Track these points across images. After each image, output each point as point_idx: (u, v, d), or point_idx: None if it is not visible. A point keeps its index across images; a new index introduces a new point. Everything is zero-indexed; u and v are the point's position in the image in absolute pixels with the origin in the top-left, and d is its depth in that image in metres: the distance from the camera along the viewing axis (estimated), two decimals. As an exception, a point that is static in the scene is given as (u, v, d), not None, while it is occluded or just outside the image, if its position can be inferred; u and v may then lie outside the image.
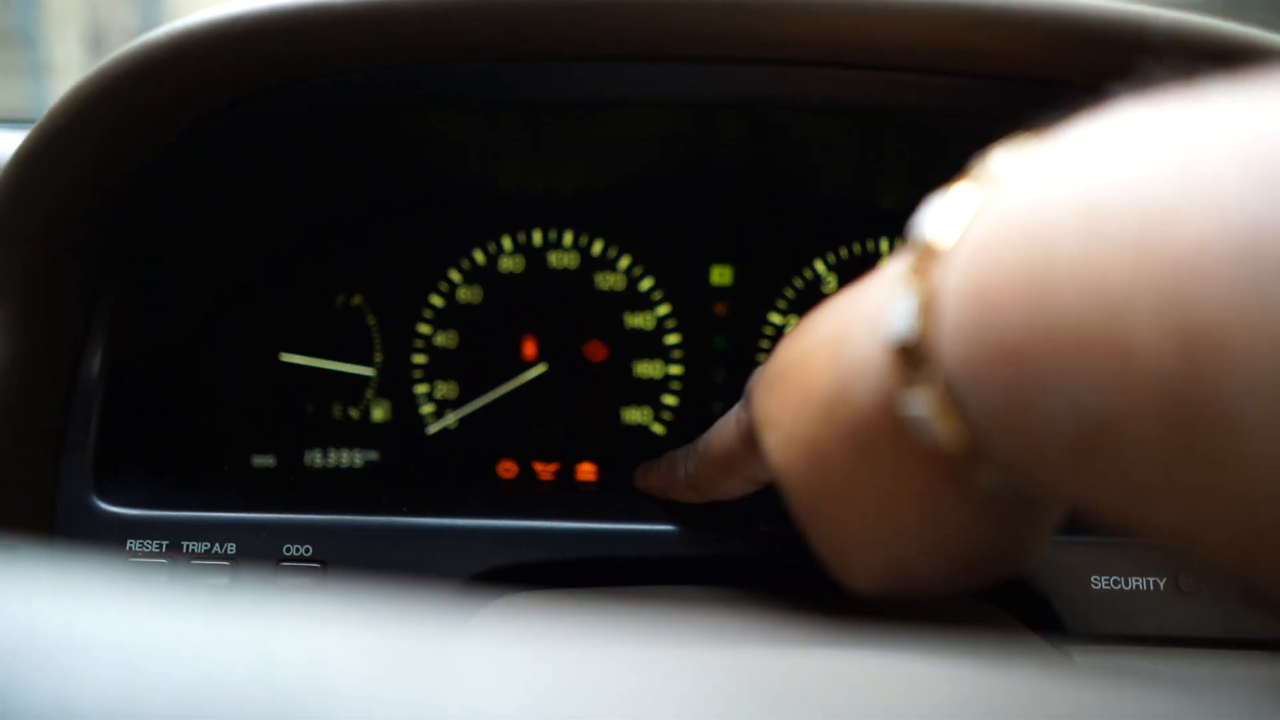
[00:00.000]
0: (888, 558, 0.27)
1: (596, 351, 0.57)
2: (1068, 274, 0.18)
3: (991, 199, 0.21)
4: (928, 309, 0.22)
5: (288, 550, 0.44)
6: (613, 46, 0.39)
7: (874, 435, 0.25)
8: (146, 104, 0.39)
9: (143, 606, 0.14)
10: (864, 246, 0.57)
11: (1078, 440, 0.18)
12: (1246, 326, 0.15)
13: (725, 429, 0.37)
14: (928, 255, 0.22)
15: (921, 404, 0.22)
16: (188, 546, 0.44)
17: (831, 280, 0.57)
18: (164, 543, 0.44)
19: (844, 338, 0.26)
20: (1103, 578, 0.44)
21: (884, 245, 0.57)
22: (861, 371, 0.25)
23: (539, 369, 0.57)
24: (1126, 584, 0.44)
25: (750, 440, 0.33)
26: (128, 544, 0.44)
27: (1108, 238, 0.17)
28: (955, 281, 0.21)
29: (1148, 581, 0.44)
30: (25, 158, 0.39)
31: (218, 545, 0.44)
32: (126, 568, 0.44)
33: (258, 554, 0.44)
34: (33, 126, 0.39)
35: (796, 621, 0.40)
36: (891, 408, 0.24)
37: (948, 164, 0.58)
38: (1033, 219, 0.19)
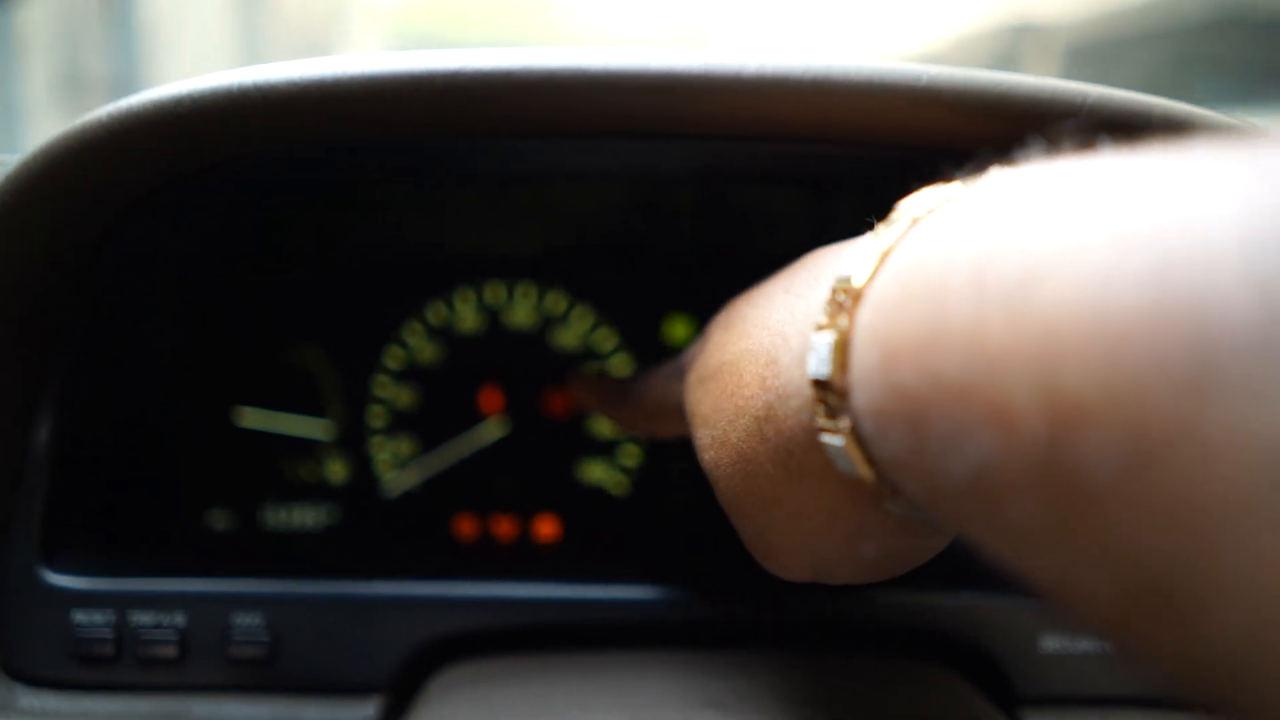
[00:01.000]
0: (808, 556, 0.28)
1: (557, 406, 0.57)
2: (957, 331, 0.18)
3: (901, 246, 0.22)
4: (841, 349, 0.22)
5: (236, 621, 0.44)
6: (556, 123, 0.40)
7: (799, 456, 0.26)
8: (89, 183, 0.39)
9: None
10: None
11: (967, 489, 0.19)
12: (1103, 399, 0.15)
13: (658, 390, 0.41)
14: (846, 292, 0.22)
15: (836, 438, 0.23)
16: (135, 618, 0.44)
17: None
18: (111, 616, 0.44)
19: (773, 358, 0.27)
20: (1052, 638, 0.44)
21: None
22: (787, 394, 0.26)
23: (499, 426, 0.57)
24: (1076, 644, 0.44)
25: (680, 413, 0.35)
26: (74, 617, 0.44)
27: (989, 299, 0.18)
28: (865, 324, 0.22)
29: (1098, 641, 0.44)
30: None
31: (166, 616, 0.44)
32: (74, 647, 0.44)
33: (206, 624, 0.44)
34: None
35: (759, 688, 0.40)
36: (814, 434, 0.24)
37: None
38: (933, 272, 0.20)
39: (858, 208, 0.56)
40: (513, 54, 0.38)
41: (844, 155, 0.45)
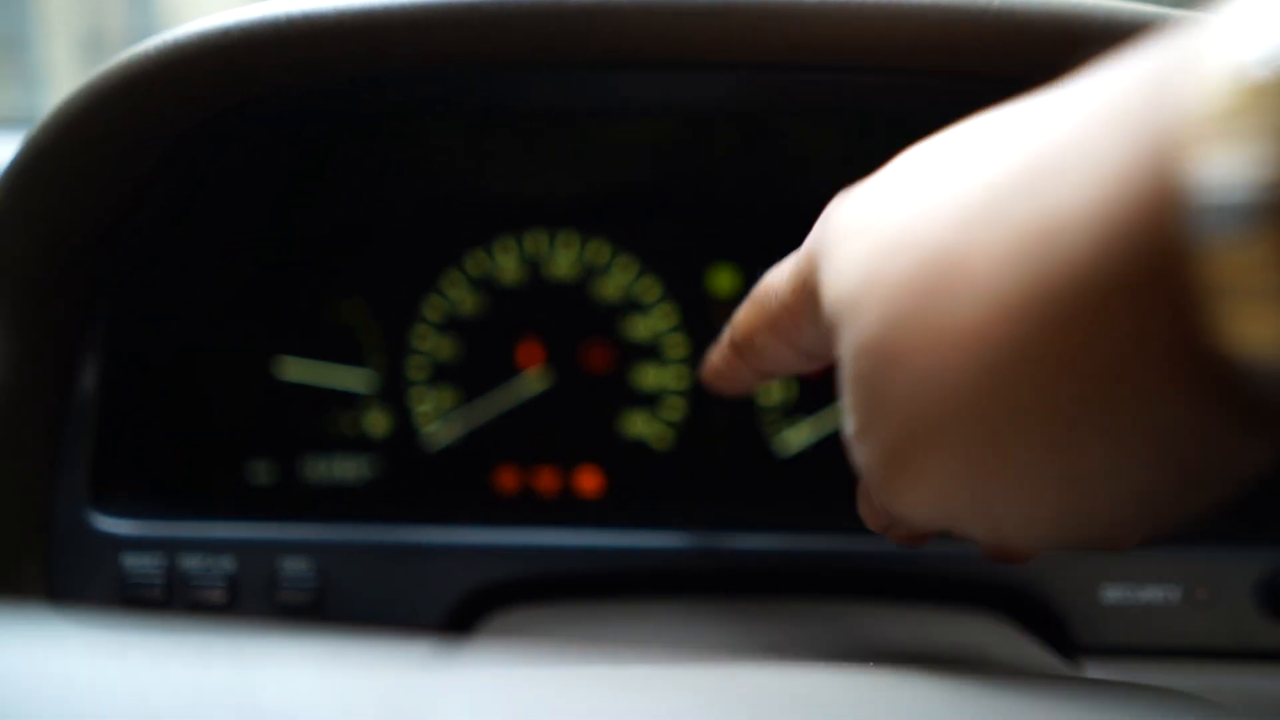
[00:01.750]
0: (1067, 500, 0.19)
1: (598, 359, 0.57)
2: None
3: None
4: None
5: (283, 566, 0.44)
6: (603, 54, 0.38)
7: (1099, 324, 0.17)
8: (135, 120, 0.38)
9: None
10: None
11: None
12: None
13: (780, 274, 0.30)
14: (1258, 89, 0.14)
15: (1241, 290, 0.14)
16: (184, 563, 0.44)
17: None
18: (161, 560, 0.44)
19: (1058, 173, 0.17)
20: (1114, 587, 0.43)
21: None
22: (1096, 232, 0.16)
23: (540, 378, 0.56)
24: (1139, 595, 0.43)
25: (809, 296, 0.26)
26: (124, 560, 0.44)
27: None
28: None
29: (1161, 591, 0.43)
30: (12, 178, 0.38)
31: (215, 562, 0.44)
32: (124, 590, 0.44)
33: (254, 570, 0.44)
34: (20, 146, 0.38)
35: (802, 637, 0.40)
36: (1153, 285, 0.16)
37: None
38: None
39: (900, 147, 0.54)
40: None
41: (889, 85, 0.43)
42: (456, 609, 0.44)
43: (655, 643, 0.39)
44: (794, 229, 0.56)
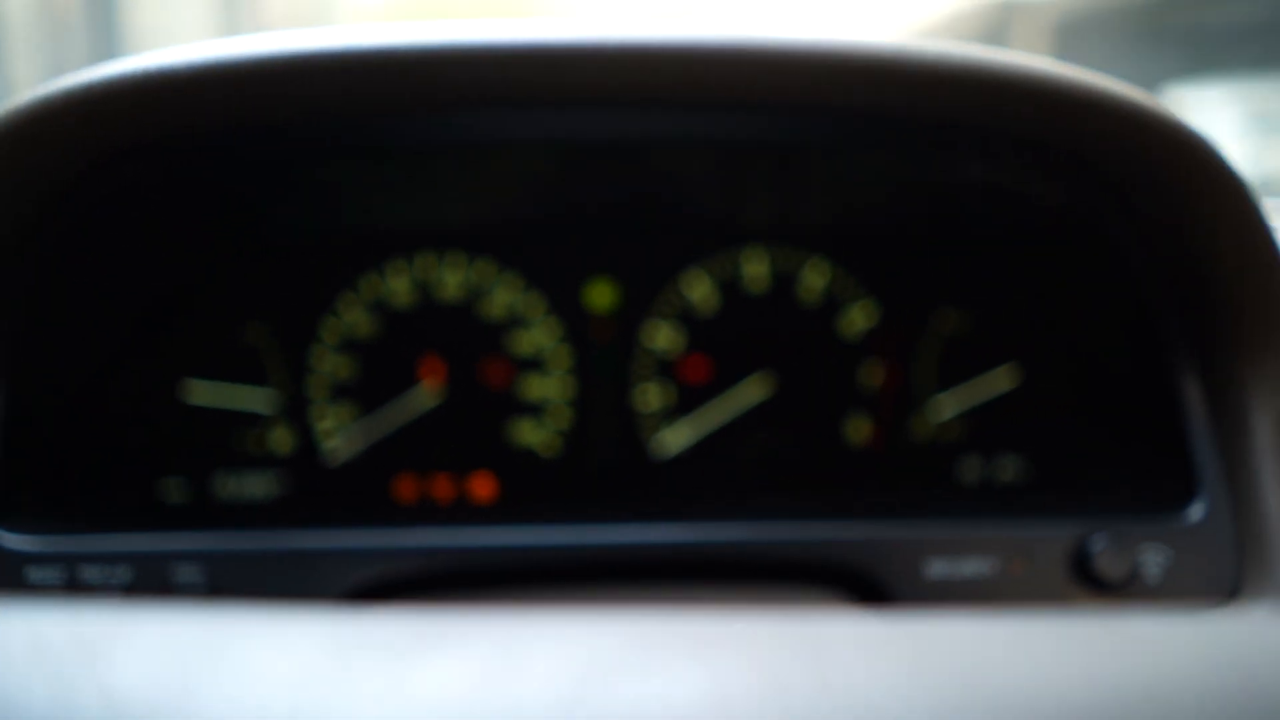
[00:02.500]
0: None
1: (487, 372, 0.60)
2: None
3: None
4: None
5: (177, 574, 0.47)
6: (487, 93, 0.42)
7: None
8: (40, 155, 0.42)
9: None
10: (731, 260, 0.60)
11: None
12: None
13: None
14: None
15: None
16: (82, 573, 0.47)
17: (701, 291, 0.60)
18: (62, 573, 0.47)
19: None
20: (938, 562, 0.47)
21: (746, 258, 0.60)
22: None
23: (434, 392, 0.60)
24: (960, 569, 0.47)
25: None
26: (27, 573, 0.47)
27: None
28: None
29: (981, 564, 0.47)
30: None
31: (112, 571, 0.47)
32: (26, 598, 0.47)
33: (149, 579, 0.47)
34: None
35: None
36: None
37: (806, 186, 0.62)
38: None
39: (766, 173, 0.59)
40: (433, 29, 0.41)
41: (757, 122, 0.48)
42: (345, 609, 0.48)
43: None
44: (666, 246, 0.61)
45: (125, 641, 0.18)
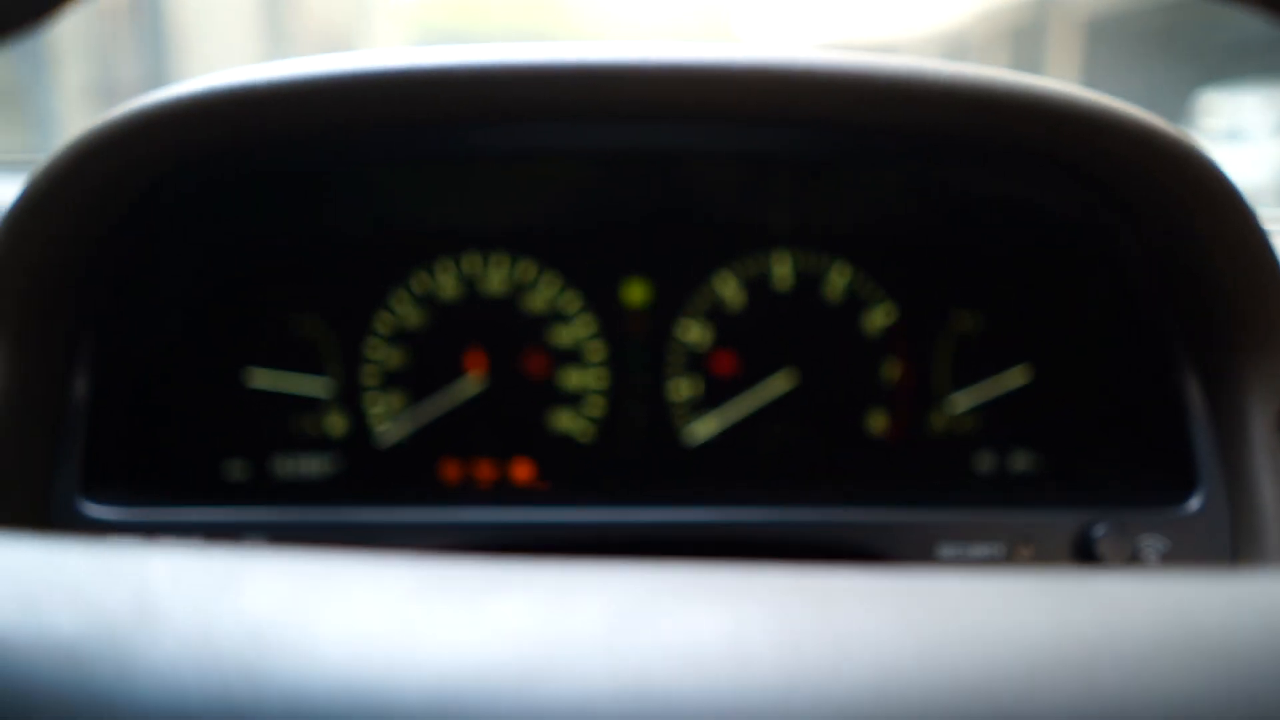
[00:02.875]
0: None
1: (529, 363, 0.64)
2: None
3: None
4: None
5: (244, 545, 0.52)
6: (534, 108, 0.46)
7: None
8: (116, 167, 0.46)
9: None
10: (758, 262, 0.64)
11: None
12: None
13: None
14: None
15: None
16: (160, 541, 0.52)
17: (730, 290, 0.64)
18: (140, 540, 0.52)
19: None
20: (950, 545, 0.50)
21: (773, 261, 0.63)
22: None
23: (478, 382, 0.64)
24: (969, 552, 0.50)
25: None
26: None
27: None
28: None
29: (989, 549, 0.50)
30: (15, 215, 0.47)
31: (186, 540, 0.52)
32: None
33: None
34: (17, 194, 0.46)
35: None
36: None
37: (830, 195, 0.66)
38: None
39: (792, 182, 0.62)
40: (486, 50, 0.46)
41: (784, 136, 0.52)
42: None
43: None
44: (698, 249, 0.64)
45: (251, 575, 0.21)
